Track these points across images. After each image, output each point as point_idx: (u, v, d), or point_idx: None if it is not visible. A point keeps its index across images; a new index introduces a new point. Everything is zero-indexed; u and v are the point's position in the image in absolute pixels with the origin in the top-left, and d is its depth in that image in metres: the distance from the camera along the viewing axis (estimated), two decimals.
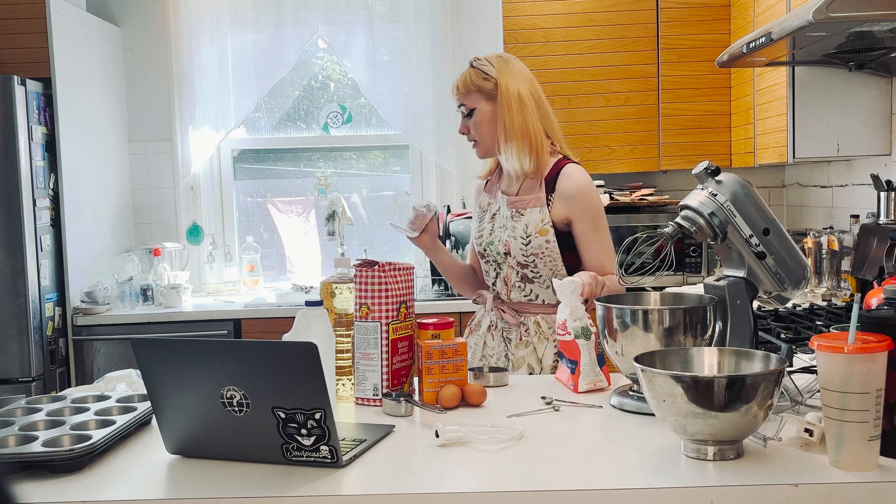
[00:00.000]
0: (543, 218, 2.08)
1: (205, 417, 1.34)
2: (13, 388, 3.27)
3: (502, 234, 2.14)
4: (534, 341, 2.12)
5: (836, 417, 1.22)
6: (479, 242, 2.21)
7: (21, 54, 3.47)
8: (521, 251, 2.10)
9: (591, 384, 1.74)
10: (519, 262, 2.11)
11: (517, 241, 2.10)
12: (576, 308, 1.77)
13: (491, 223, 2.19)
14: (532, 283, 2.13)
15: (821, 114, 3.05)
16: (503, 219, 2.15)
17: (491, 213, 2.20)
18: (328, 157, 4.34)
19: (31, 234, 3.31)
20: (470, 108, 2.12)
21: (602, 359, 1.76)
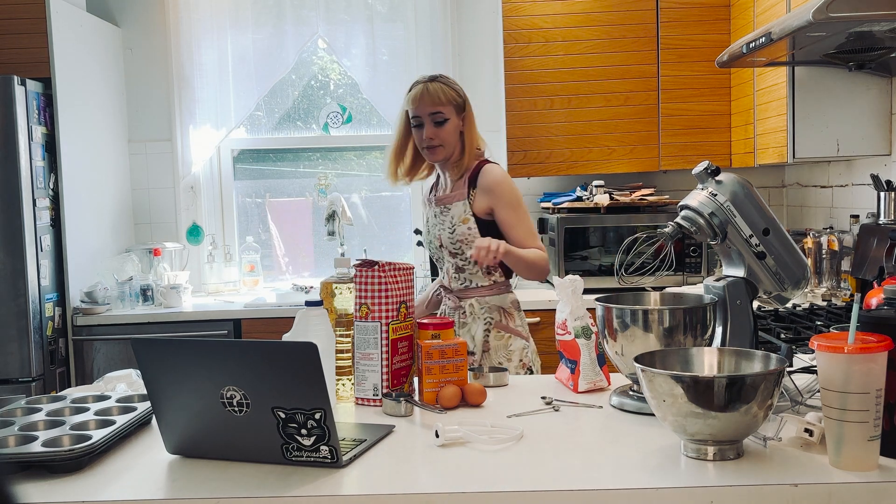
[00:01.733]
0: (465, 209, 2.41)
1: (205, 417, 1.34)
2: (13, 388, 3.27)
3: (434, 229, 2.48)
4: (469, 321, 2.40)
5: (836, 417, 1.22)
6: (424, 241, 2.59)
7: (21, 54, 3.47)
8: (448, 240, 2.41)
9: (591, 384, 1.74)
10: (450, 252, 2.42)
11: (445, 232, 2.42)
12: (576, 307, 1.77)
13: (426, 224, 2.56)
14: (464, 271, 2.43)
15: (821, 114, 3.05)
16: (437, 216, 2.47)
17: (427, 215, 2.55)
18: (328, 157, 4.34)
19: (31, 234, 3.31)
20: (445, 117, 2.38)
21: (602, 359, 1.76)
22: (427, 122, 2.39)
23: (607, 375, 1.77)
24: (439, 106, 2.38)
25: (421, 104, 2.39)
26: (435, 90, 2.39)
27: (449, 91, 2.41)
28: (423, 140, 2.41)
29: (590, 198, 3.76)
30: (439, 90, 2.39)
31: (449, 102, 2.40)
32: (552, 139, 3.75)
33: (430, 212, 2.52)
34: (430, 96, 2.38)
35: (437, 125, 2.39)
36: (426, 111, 2.38)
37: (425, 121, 2.39)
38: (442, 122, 2.39)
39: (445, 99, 2.39)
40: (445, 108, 2.39)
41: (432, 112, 2.38)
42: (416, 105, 2.40)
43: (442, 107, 2.39)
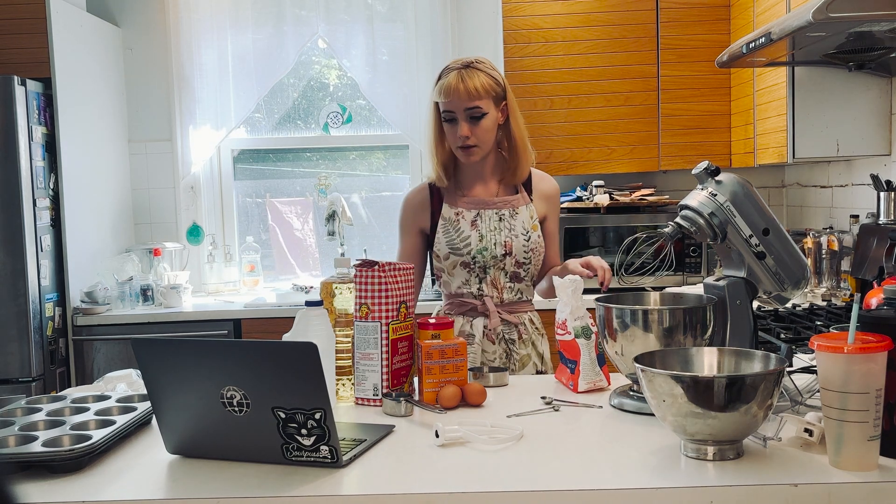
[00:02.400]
0: (532, 215, 2.18)
1: (205, 417, 1.34)
2: (13, 388, 3.27)
3: (497, 236, 2.13)
4: (533, 337, 2.18)
5: (836, 417, 1.22)
6: (464, 252, 2.13)
7: (21, 54, 3.47)
8: (522, 248, 2.13)
9: (590, 384, 1.74)
10: (517, 262, 2.14)
11: (518, 238, 2.13)
12: (576, 307, 1.77)
13: (475, 230, 2.14)
14: (521, 281, 2.17)
15: (821, 114, 3.05)
16: (492, 222, 2.14)
17: (468, 221, 2.15)
18: (328, 157, 4.34)
19: (31, 234, 3.31)
20: (483, 112, 2.06)
21: (602, 358, 1.76)
22: (461, 117, 2.07)
23: (607, 375, 1.77)
24: (476, 100, 2.05)
25: (454, 97, 2.05)
26: (476, 82, 2.04)
27: (487, 80, 2.07)
28: (456, 138, 2.09)
29: (590, 198, 3.76)
30: (480, 81, 2.05)
31: (487, 94, 2.06)
32: (552, 139, 3.75)
33: (467, 219, 2.16)
34: (465, 88, 2.04)
35: (473, 121, 2.07)
36: (461, 105, 2.05)
37: (459, 116, 2.07)
38: (479, 118, 2.06)
39: (483, 90, 2.05)
40: (483, 101, 2.06)
41: (468, 107, 2.05)
42: (448, 98, 2.06)
43: (479, 100, 2.05)
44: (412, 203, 2.24)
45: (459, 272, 2.16)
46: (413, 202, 2.24)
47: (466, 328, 2.15)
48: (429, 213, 2.20)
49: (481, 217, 2.15)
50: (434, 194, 2.21)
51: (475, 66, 2.08)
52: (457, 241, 2.15)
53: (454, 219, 2.16)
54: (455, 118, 2.07)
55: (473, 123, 2.07)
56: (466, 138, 2.08)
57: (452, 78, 2.06)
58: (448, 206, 2.18)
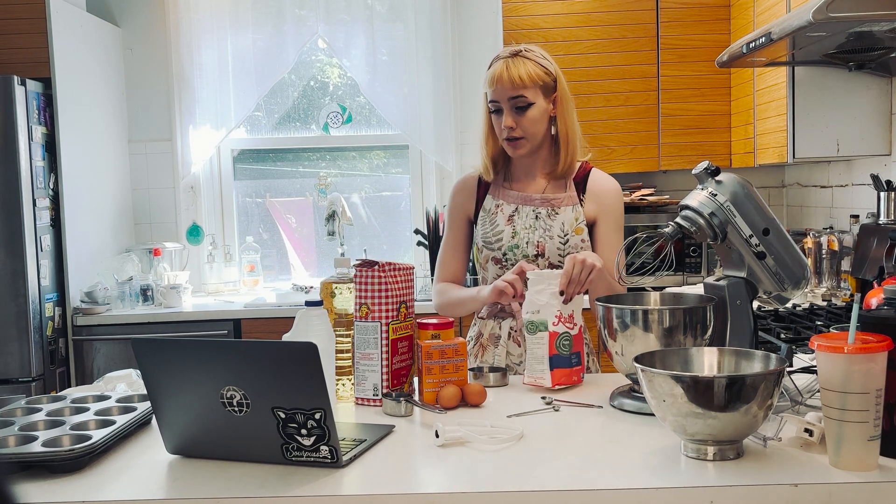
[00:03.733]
0: (578, 216, 2.06)
1: (205, 417, 1.34)
2: (13, 388, 3.27)
3: (531, 234, 2.05)
4: None
5: (836, 417, 1.22)
6: (496, 247, 2.08)
7: (21, 54, 3.47)
8: (557, 251, 2.04)
9: (532, 380, 1.76)
10: (551, 264, 2.04)
11: (554, 240, 2.04)
12: (531, 301, 1.78)
13: (509, 226, 2.08)
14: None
15: (821, 114, 3.05)
16: (528, 219, 2.07)
17: (506, 216, 2.09)
18: (328, 157, 4.34)
19: (31, 234, 3.31)
20: (529, 101, 2.00)
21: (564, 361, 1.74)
22: (506, 107, 2.01)
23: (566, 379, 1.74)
24: (521, 89, 1.99)
25: (499, 86, 2.00)
26: (521, 70, 1.98)
27: (535, 69, 2.00)
28: (501, 129, 2.03)
29: None
30: (526, 70, 1.99)
31: (534, 83, 2.00)
32: None
33: (505, 213, 2.10)
34: (509, 76, 1.98)
35: (519, 111, 2.00)
36: (505, 95, 2.00)
37: (504, 106, 2.01)
38: (524, 108, 2.00)
39: (529, 79, 1.99)
40: (529, 91, 1.99)
41: (512, 96, 1.99)
42: (493, 87, 2.01)
43: (524, 90, 1.99)
44: (460, 190, 2.19)
45: (491, 268, 2.11)
46: (461, 189, 2.18)
47: (496, 330, 2.10)
48: (474, 202, 2.15)
49: (519, 213, 2.08)
50: (482, 183, 2.16)
51: (523, 55, 2.02)
52: (490, 235, 2.10)
53: (493, 210, 2.11)
54: (501, 108, 2.02)
55: (519, 114, 2.00)
56: (511, 129, 2.01)
57: (498, 66, 2.01)
58: (491, 197, 2.13)
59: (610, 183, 2.12)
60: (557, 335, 1.75)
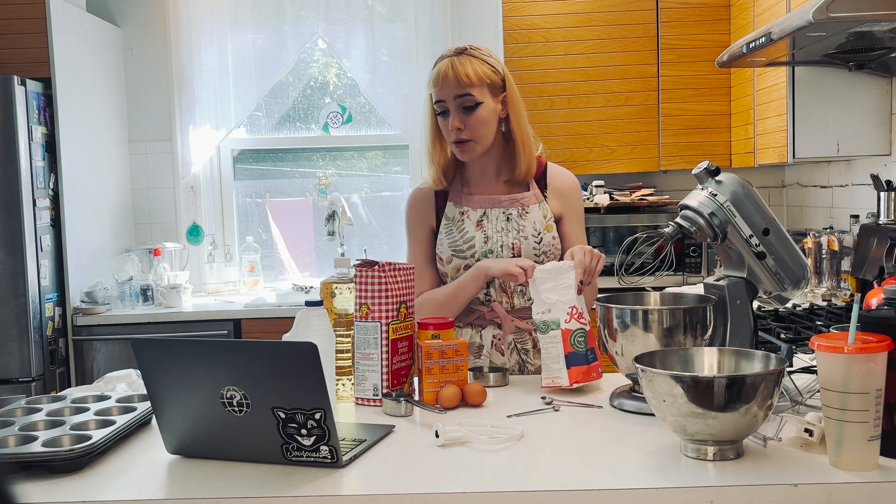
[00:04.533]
0: (545, 214, 2.01)
1: (205, 417, 1.34)
2: (13, 388, 3.27)
3: (504, 237, 1.99)
4: None
5: (836, 417, 1.22)
6: (468, 255, 2.00)
7: (21, 54, 3.47)
8: (532, 250, 1.98)
9: (549, 380, 1.74)
10: None
11: (529, 240, 1.98)
12: (539, 300, 1.76)
13: (479, 231, 2.00)
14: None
15: (821, 114, 3.05)
16: (499, 222, 2.00)
17: (474, 222, 2.01)
18: (328, 157, 4.34)
19: (31, 234, 3.31)
20: (476, 101, 1.90)
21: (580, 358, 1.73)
22: (453, 107, 1.92)
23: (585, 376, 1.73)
24: (467, 87, 1.89)
25: (444, 85, 1.91)
26: (467, 67, 1.90)
27: (481, 66, 1.91)
28: (449, 132, 1.95)
29: (590, 198, 3.76)
30: (472, 67, 1.90)
31: (481, 81, 1.91)
32: (552, 139, 3.75)
33: (472, 219, 2.02)
34: (454, 74, 1.89)
35: (466, 111, 1.91)
36: (451, 93, 1.91)
37: (451, 106, 1.92)
38: (472, 108, 1.91)
39: (476, 77, 1.90)
40: (476, 89, 1.90)
41: (459, 94, 1.90)
42: (438, 86, 1.92)
43: (471, 87, 1.89)
44: (418, 200, 2.09)
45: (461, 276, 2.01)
46: (418, 199, 2.09)
47: (476, 339, 2.01)
48: (434, 212, 2.06)
49: (488, 217, 2.01)
50: (439, 192, 2.06)
51: (469, 53, 1.93)
52: (460, 243, 2.01)
53: (458, 218, 2.03)
54: (447, 109, 1.93)
55: (466, 114, 1.91)
56: (459, 130, 1.92)
57: (443, 65, 1.92)
58: (452, 205, 2.04)
59: (569, 177, 2.09)
60: (571, 332, 1.73)
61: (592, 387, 1.77)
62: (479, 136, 1.94)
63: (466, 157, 1.98)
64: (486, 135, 1.95)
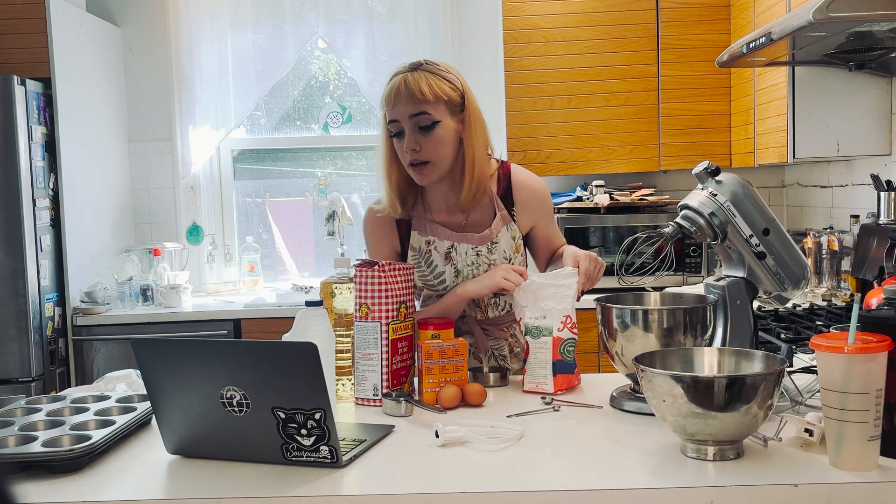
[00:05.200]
0: (514, 235, 1.92)
1: (205, 417, 1.34)
2: (13, 388, 3.27)
3: (476, 270, 1.90)
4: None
5: (836, 417, 1.22)
6: (440, 289, 1.92)
7: (21, 54, 3.47)
8: None
9: (533, 385, 1.74)
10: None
11: None
12: (535, 307, 1.77)
13: (449, 265, 1.91)
14: (503, 294, 1.94)
15: (821, 114, 3.05)
16: (469, 257, 1.90)
17: (441, 254, 1.91)
18: (328, 156, 4.34)
19: (31, 234, 3.31)
20: (433, 119, 1.77)
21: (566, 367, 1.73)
22: (408, 127, 1.78)
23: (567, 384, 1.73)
24: (422, 104, 1.76)
25: (397, 103, 1.77)
26: (422, 83, 1.76)
27: (437, 83, 1.78)
28: (404, 153, 1.80)
29: (590, 198, 3.76)
30: (422, 81, 1.76)
31: (437, 98, 1.77)
32: (552, 139, 3.75)
33: (440, 251, 1.91)
34: (408, 90, 1.75)
35: (422, 131, 1.77)
36: (405, 112, 1.77)
37: (406, 126, 1.78)
38: (429, 128, 1.77)
39: (431, 93, 1.76)
40: (431, 107, 1.77)
41: (413, 113, 1.77)
42: (392, 104, 1.78)
43: (426, 105, 1.76)
44: (375, 225, 1.97)
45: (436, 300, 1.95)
46: (376, 225, 1.97)
47: None
48: (397, 236, 1.95)
49: (456, 250, 1.90)
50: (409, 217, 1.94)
51: (424, 68, 1.80)
52: (430, 277, 1.93)
53: (425, 249, 1.92)
54: (402, 129, 1.79)
55: (423, 133, 1.77)
56: (415, 151, 1.78)
57: (396, 81, 1.78)
58: (417, 234, 1.93)
59: (537, 187, 1.95)
60: (562, 341, 1.74)
61: (593, 387, 1.77)
62: (438, 157, 1.80)
63: (424, 181, 1.84)
64: (445, 156, 1.81)
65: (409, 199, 1.91)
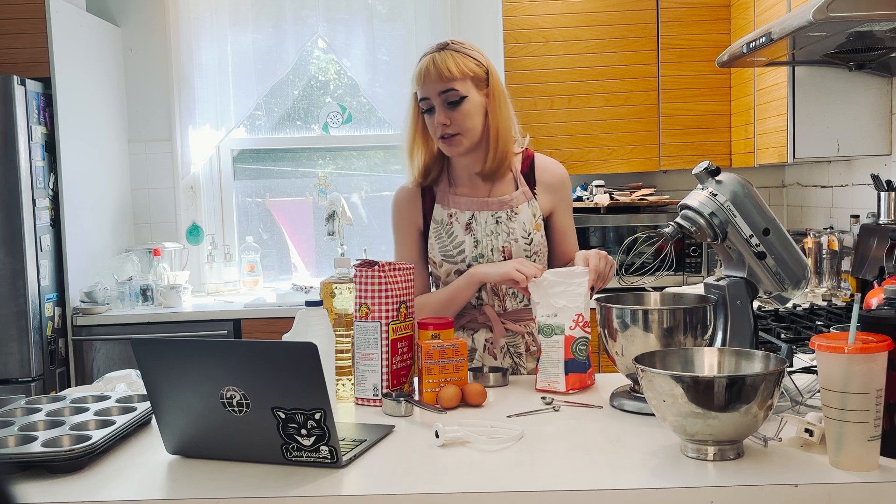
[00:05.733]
0: (535, 212, 1.99)
1: (205, 417, 1.34)
2: (13, 388, 3.27)
3: (494, 241, 1.97)
4: None
5: (836, 417, 1.22)
6: (458, 259, 1.98)
7: (21, 54, 3.47)
8: (523, 252, 1.97)
9: (545, 384, 1.74)
10: None
11: (518, 242, 1.97)
12: (545, 304, 1.76)
13: (469, 235, 1.98)
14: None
15: (821, 114, 3.05)
16: (488, 225, 1.98)
17: (462, 225, 1.99)
18: (328, 156, 4.34)
19: (31, 234, 3.31)
20: (461, 95, 1.90)
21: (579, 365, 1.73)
22: (438, 103, 1.91)
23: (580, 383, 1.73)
24: (450, 82, 1.89)
25: (427, 81, 1.91)
26: (449, 62, 1.89)
27: (464, 60, 1.91)
28: (435, 128, 1.94)
29: (590, 198, 3.76)
30: (454, 61, 1.89)
31: (464, 75, 1.90)
32: (552, 139, 3.75)
33: (461, 222, 2.00)
34: (437, 69, 1.89)
35: (451, 106, 1.90)
36: (435, 89, 1.90)
37: (435, 102, 1.91)
38: (457, 102, 1.90)
39: (458, 71, 1.89)
40: (459, 83, 1.90)
41: (443, 90, 1.90)
42: (422, 83, 1.92)
43: (454, 82, 1.89)
44: (404, 200, 2.06)
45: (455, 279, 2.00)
46: (405, 199, 2.06)
47: (469, 343, 2.01)
48: (421, 212, 2.04)
49: (476, 220, 1.99)
50: (425, 192, 2.04)
51: (450, 48, 1.93)
52: (450, 248, 2.00)
53: (447, 221, 2.01)
54: (433, 106, 1.92)
55: (452, 109, 1.90)
56: (445, 126, 1.91)
57: (425, 61, 1.91)
58: (440, 207, 2.02)
59: (558, 169, 2.06)
60: (574, 339, 1.73)
61: (593, 387, 1.77)
62: (466, 129, 1.93)
63: (454, 152, 1.96)
64: (473, 128, 1.93)
65: (433, 170, 2.03)
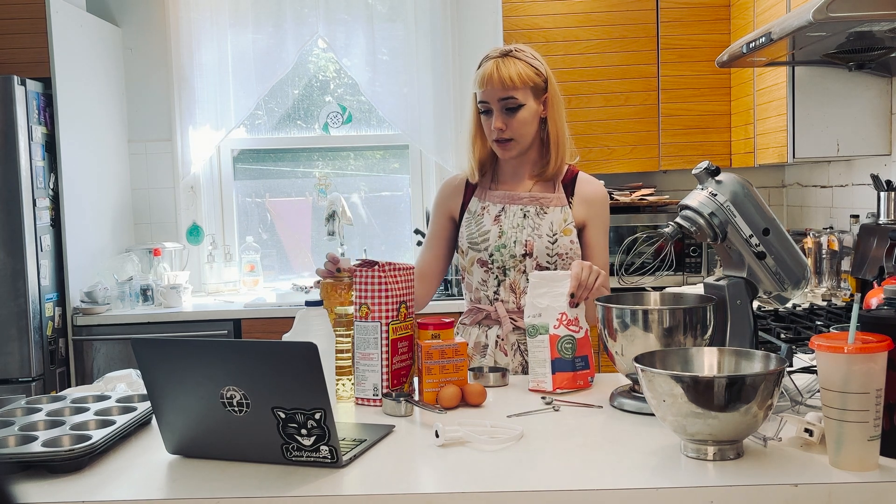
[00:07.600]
0: (566, 217, 2.04)
1: (205, 417, 1.34)
2: (13, 388, 3.27)
3: (518, 233, 2.03)
4: None
5: (836, 417, 1.22)
6: (482, 247, 2.06)
7: (21, 54, 3.47)
8: (545, 250, 2.01)
9: (534, 384, 1.75)
10: (539, 265, 2.01)
11: (542, 239, 2.01)
12: (531, 304, 1.77)
13: (496, 225, 2.06)
14: None
15: (821, 114, 3.05)
16: (516, 218, 2.05)
17: (492, 216, 2.07)
18: (328, 156, 4.34)
19: (31, 234, 3.31)
20: (519, 103, 1.98)
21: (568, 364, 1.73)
22: (496, 108, 1.99)
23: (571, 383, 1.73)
24: (511, 90, 1.96)
25: (489, 87, 1.97)
26: (512, 71, 1.96)
27: (525, 69, 1.98)
28: (491, 131, 2.02)
29: None
30: (516, 70, 1.96)
31: (524, 84, 1.97)
32: None
33: (491, 213, 2.08)
34: (499, 77, 1.96)
35: (509, 113, 1.98)
36: (495, 96, 1.98)
37: (494, 107, 1.99)
38: (514, 109, 1.98)
39: (520, 80, 1.97)
40: (519, 92, 1.97)
41: (503, 97, 1.97)
42: (483, 88, 1.99)
43: (515, 91, 1.97)
44: (447, 186, 2.18)
45: (477, 271, 2.07)
46: (448, 186, 2.18)
47: (482, 339, 2.07)
48: (460, 202, 2.13)
49: (506, 212, 2.06)
50: (469, 185, 2.14)
51: (514, 55, 1.99)
52: (476, 236, 2.07)
53: (479, 212, 2.09)
54: (491, 109, 2.00)
55: (509, 115, 1.99)
56: (501, 131, 1.99)
57: (489, 67, 1.98)
58: (476, 199, 2.11)
59: (599, 187, 2.12)
60: (559, 338, 1.74)
61: (593, 387, 1.77)
62: (520, 135, 2.01)
63: (507, 155, 2.05)
64: (527, 135, 2.02)
65: (486, 167, 2.13)
